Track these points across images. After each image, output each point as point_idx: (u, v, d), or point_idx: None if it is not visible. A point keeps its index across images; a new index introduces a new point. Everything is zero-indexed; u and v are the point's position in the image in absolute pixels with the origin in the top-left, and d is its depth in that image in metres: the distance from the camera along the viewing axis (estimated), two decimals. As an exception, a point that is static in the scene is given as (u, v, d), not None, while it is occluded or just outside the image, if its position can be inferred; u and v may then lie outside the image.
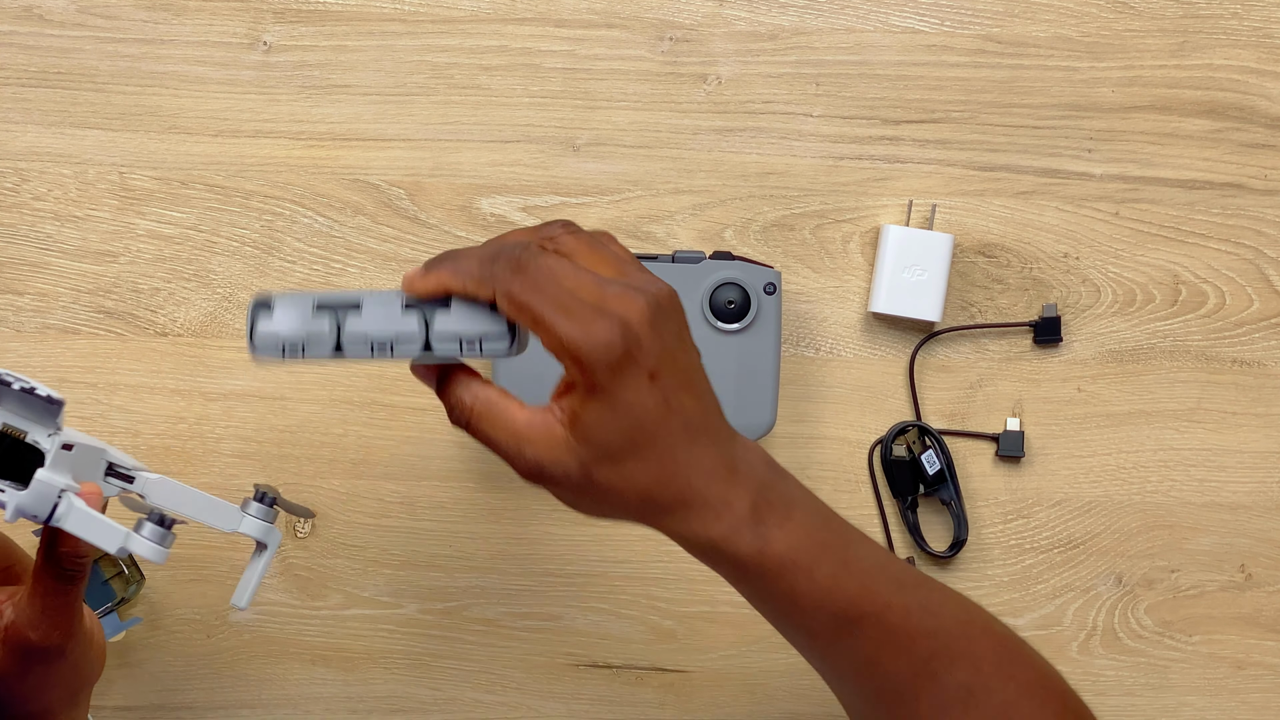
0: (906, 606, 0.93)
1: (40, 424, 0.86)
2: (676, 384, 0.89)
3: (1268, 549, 1.15)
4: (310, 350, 0.90)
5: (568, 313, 0.86)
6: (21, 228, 1.13)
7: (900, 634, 0.92)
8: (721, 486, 0.91)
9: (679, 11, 1.14)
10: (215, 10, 1.13)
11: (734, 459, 0.91)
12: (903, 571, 0.94)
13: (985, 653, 0.93)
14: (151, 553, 0.88)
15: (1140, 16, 1.15)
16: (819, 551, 0.92)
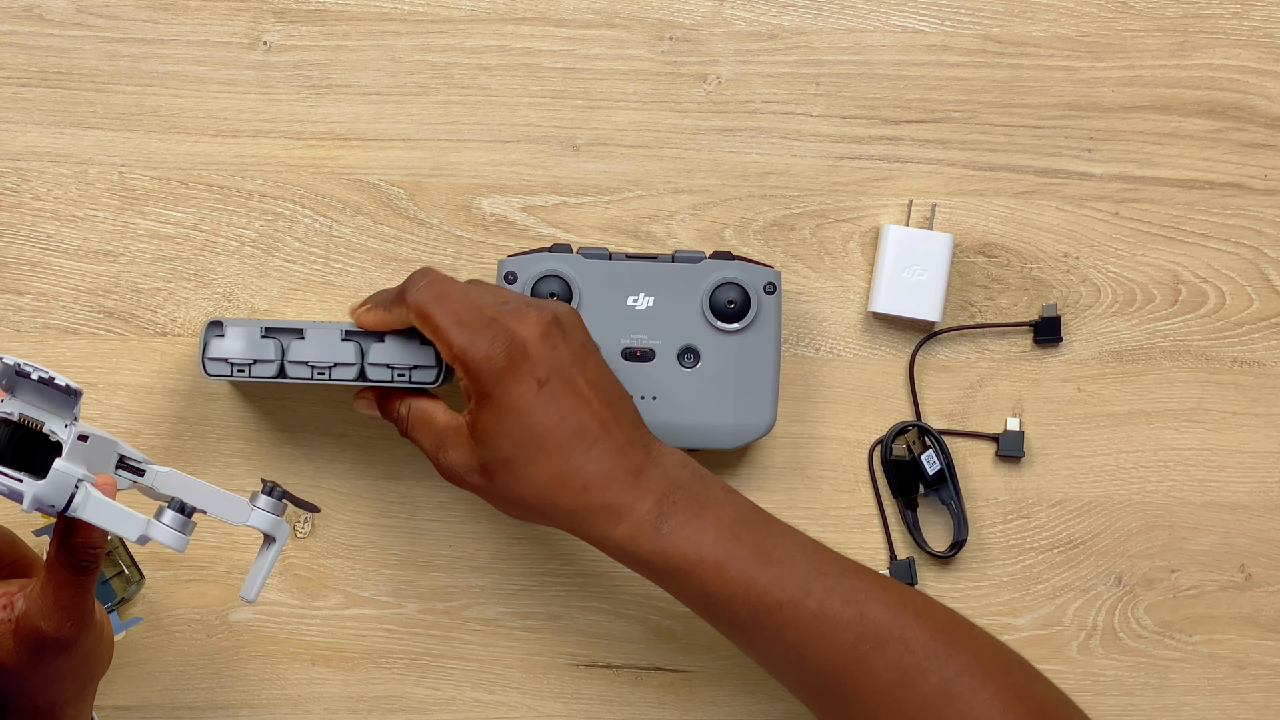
0: (827, 594, 0.96)
1: (57, 414, 0.86)
2: (567, 392, 0.97)
3: (1268, 549, 1.15)
4: (256, 370, 1.04)
5: (461, 323, 0.97)
6: (21, 227, 1.13)
7: (821, 621, 0.95)
8: (622, 490, 0.96)
9: (679, 11, 1.14)
10: (215, 10, 1.13)
11: (639, 464, 0.97)
12: (826, 563, 0.97)
13: (918, 636, 0.95)
14: (173, 540, 0.88)
15: (1140, 16, 1.15)
16: (730, 547, 0.96)
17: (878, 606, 0.96)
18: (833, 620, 0.95)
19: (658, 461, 0.98)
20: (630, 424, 0.99)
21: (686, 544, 0.96)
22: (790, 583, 0.96)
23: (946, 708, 0.94)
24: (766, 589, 0.96)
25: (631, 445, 0.98)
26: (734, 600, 0.96)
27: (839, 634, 0.95)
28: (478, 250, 1.13)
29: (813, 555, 0.98)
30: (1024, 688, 0.96)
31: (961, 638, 0.97)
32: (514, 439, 0.96)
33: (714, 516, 0.97)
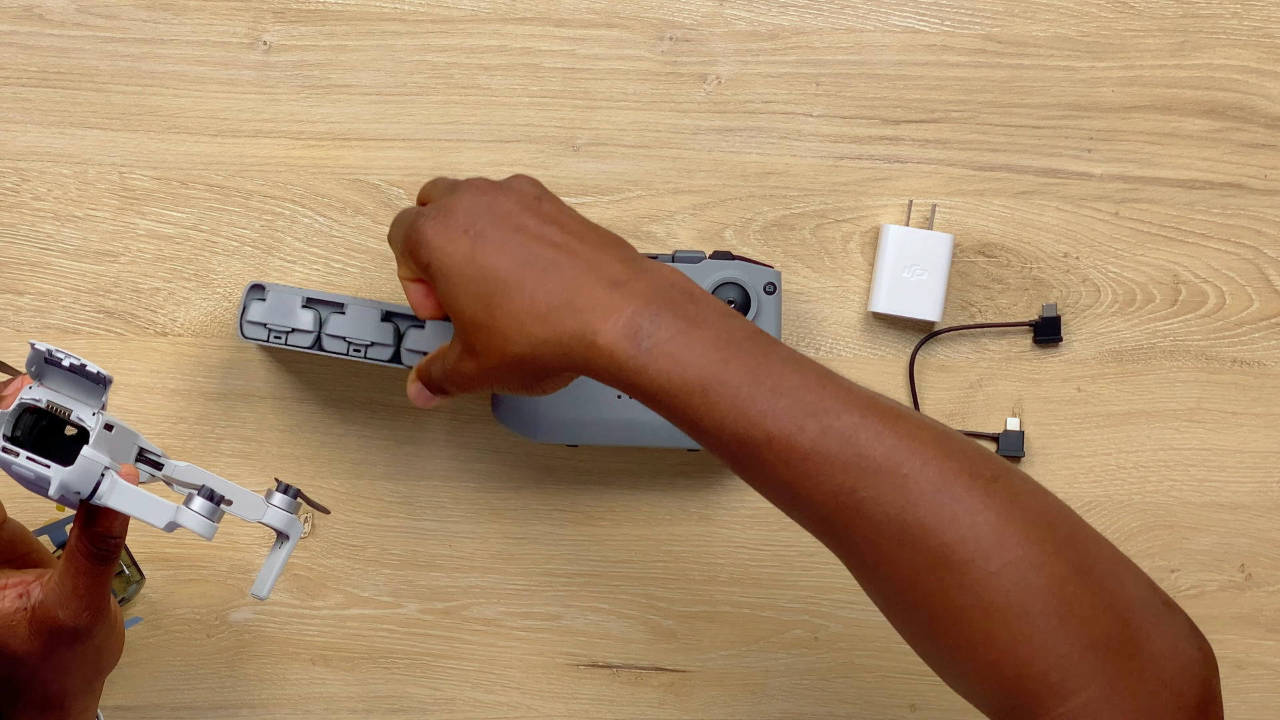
0: (823, 431, 0.86)
1: (85, 402, 0.86)
2: (505, 228, 0.93)
3: (1268, 549, 1.15)
4: (293, 339, 1.04)
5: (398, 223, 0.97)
6: (21, 227, 1.13)
7: (813, 461, 0.86)
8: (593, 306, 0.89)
9: (679, 11, 1.14)
10: (215, 10, 1.13)
11: (615, 277, 0.90)
12: (830, 396, 0.87)
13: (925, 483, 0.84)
14: (203, 527, 0.88)
15: (1140, 16, 1.15)
16: (719, 371, 0.87)
17: (880, 447, 0.85)
18: (827, 461, 0.85)
19: (640, 275, 0.90)
20: (603, 244, 0.92)
21: (669, 362, 0.87)
22: (784, 416, 0.86)
23: (948, 574, 0.84)
24: (756, 421, 0.86)
25: (604, 261, 0.91)
26: (721, 430, 0.87)
27: (833, 476, 0.85)
28: (478, 250, 1.13)
29: (815, 387, 0.87)
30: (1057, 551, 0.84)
31: (983, 486, 0.85)
32: (468, 296, 0.91)
33: (705, 336, 0.88)
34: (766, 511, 1.14)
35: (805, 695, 1.15)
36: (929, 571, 0.84)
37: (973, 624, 0.84)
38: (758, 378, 0.87)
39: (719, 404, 0.87)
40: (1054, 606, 0.83)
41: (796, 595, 1.15)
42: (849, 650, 1.14)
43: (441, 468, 1.14)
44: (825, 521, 0.87)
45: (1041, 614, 0.83)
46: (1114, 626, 0.83)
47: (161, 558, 1.13)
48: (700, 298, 0.90)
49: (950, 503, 0.84)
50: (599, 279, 0.90)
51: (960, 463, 0.85)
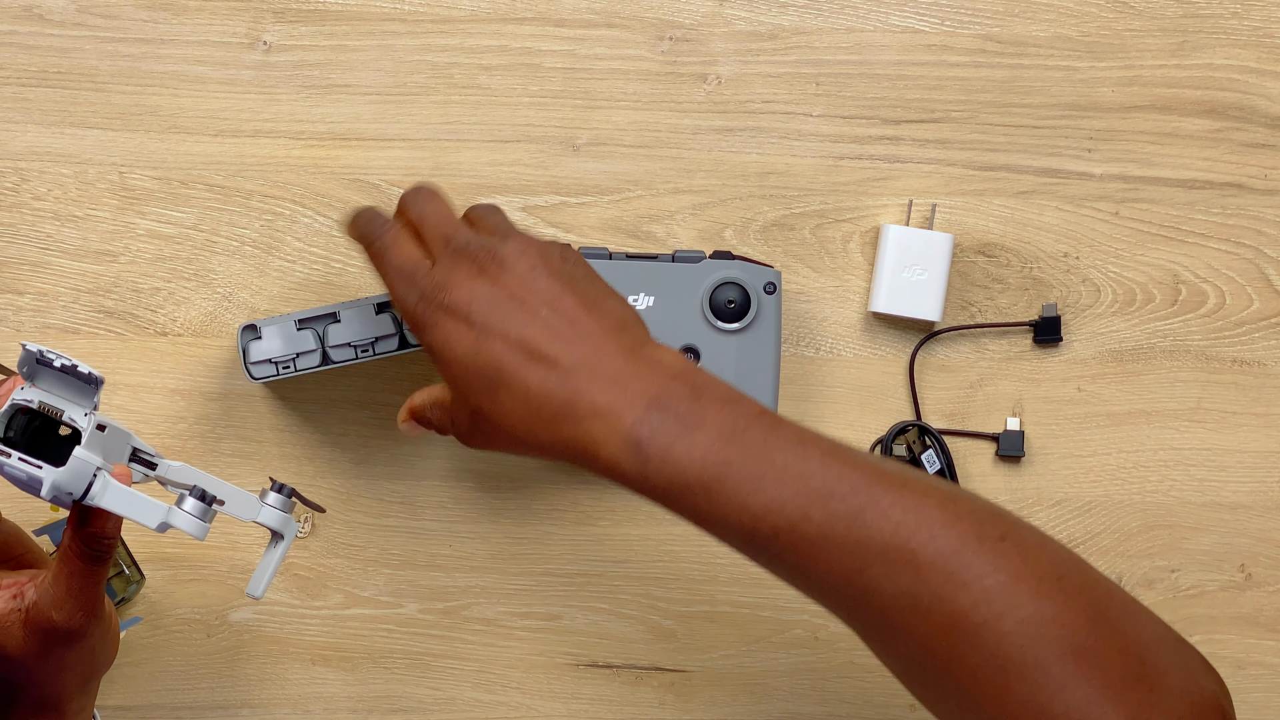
0: (829, 517, 0.86)
1: (77, 403, 0.86)
2: (506, 314, 0.91)
3: (1268, 549, 1.15)
4: (301, 363, 1.05)
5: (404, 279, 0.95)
6: (21, 227, 1.13)
7: (821, 546, 0.86)
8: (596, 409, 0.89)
9: (679, 11, 1.14)
10: (215, 10, 1.13)
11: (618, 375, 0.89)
12: (835, 478, 0.86)
13: (935, 553, 0.84)
14: (194, 528, 0.88)
15: (1140, 16, 1.15)
16: (721, 468, 0.87)
17: (887, 525, 0.85)
18: (835, 545, 0.85)
19: (643, 370, 0.89)
20: (608, 330, 0.91)
21: (672, 469, 0.87)
22: (789, 506, 0.86)
23: (962, 639, 0.83)
24: (761, 514, 0.86)
25: (606, 354, 0.89)
26: (726, 525, 0.87)
27: (841, 559, 0.85)
28: (478, 250, 1.13)
29: (820, 470, 0.86)
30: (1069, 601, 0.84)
31: (991, 547, 0.84)
32: (473, 388, 0.91)
33: (708, 433, 0.87)
34: (766, 511, 1.14)
35: (805, 695, 1.15)
36: (943, 638, 0.84)
37: (990, 682, 0.83)
38: (761, 469, 0.87)
39: (723, 501, 0.87)
40: (1070, 655, 0.83)
41: (796, 595, 1.14)
42: (849, 650, 1.14)
43: (441, 468, 1.14)
44: (838, 601, 0.88)
45: (1058, 664, 0.82)
46: (1131, 666, 0.83)
47: (161, 558, 1.13)
48: (703, 387, 0.89)
49: (960, 569, 0.84)
50: (600, 379, 0.89)
51: (969, 525, 0.85)
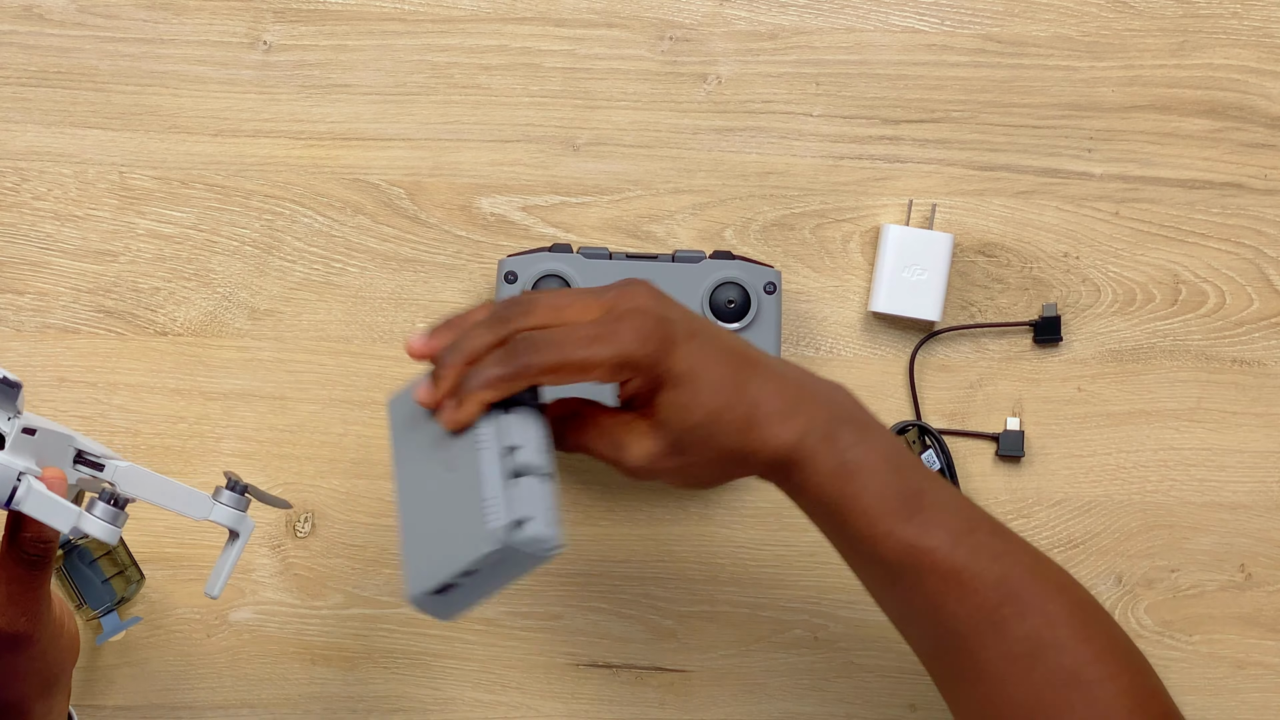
0: (974, 549, 0.93)
1: (0, 408, 0.86)
2: (708, 336, 0.93)
3: (1268, 549, 1.15)
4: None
5: (596, 340, 0.91)
6: (21, 227, 1.13)
7: (964, 577, 0.92)
8: (791, 417, 0.92)
9: (679, 11, 1.14)
10: (215, 10, 1.13)
11: (790, 387, 0.93)
12: (977, 517, 0.94)
13: (1059, 610, 0.93)
14: (103, 532, 0.88)
15: (1140, 16, 1.15)
16: (885, 485, 0.93)
17: (1022, 571, 0.93)
18: (977, 577, 0.92)
19: (814, 389, 0.95)
20: (758, 350, 0.96)
21: (849, 477, 0.93)
22: (940, 530, 0.92)
23: (1074, 692, 0.91)
24: (917, 534, 0.92)
25: (783, 372, 0.94)
26: (887, 539, 0.92)
27: (980, 593, 0.92)
28: (478, 250, 1.13)
29: (963, 506, 0.95)
30: (1154, 690, 0.94)
31: (1098, 623, 0.94)
32: (700, 402, 0.92)
33: (875, 449, 0.93)
34: (766, 511, 1.14)
35: (805, 695, 1.15)
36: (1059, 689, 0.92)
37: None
38: (918, 491, 0.93)
39: (887, 515, 0.93)
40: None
41: (796, 595, 1.15)
42: (849, 650, 1.14)
43: (441, 467, 1.14)
44: (960, 638, 0.93)
45: None
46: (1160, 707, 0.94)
47: (161, 558, 1.13)
48: (859, 405, 0.96)
49: (1082, 626, 0.93)
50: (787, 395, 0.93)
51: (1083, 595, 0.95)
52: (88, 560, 1.10)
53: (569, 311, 0.92)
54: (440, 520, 0.91)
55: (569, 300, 0.93)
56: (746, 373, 0.93)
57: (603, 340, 0.91)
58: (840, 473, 0.93)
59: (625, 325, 0.91)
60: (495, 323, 0.92)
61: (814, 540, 1.15)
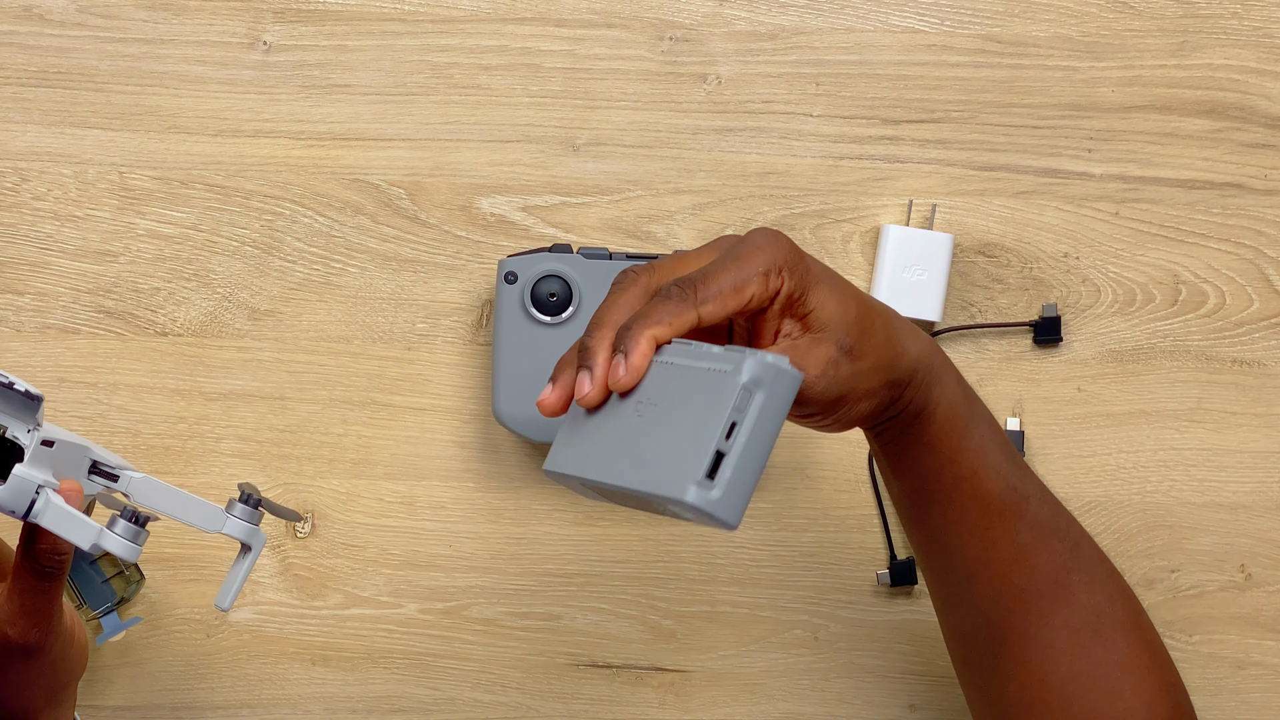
0: (1056, 505, 0.95)
1: (19, 420, 0.86)
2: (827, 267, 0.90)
3: (1268, 549, 1.15)
4: None
5: (738, 262, 0.86)
6: (21, 227, 1.13)
7: (1050, 530, 0.94)
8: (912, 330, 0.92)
9: (679, 11, 1.14)
10: (215, 10, 1.13)
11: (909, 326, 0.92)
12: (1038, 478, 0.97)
13: (1118, 592, 0.95)
14: (124, 550, 0.88)
15: (1140, 16, 1.15)
16: (990, 429, 0.94)
17: (1090, 543, 0.96)
18: (1060, 535, 0.94)
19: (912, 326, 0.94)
20: None
21: (971, 404, 0.93)
22: (1033, 481, 0.95)
23: (1126, 678, 0.93)
24: (1019, 478, 0.94)
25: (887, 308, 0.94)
26: (996, 476, 0.93)
27: (1061, 553, 0.94)
28: (478, 250, 1.13)
29: (1026, 462, 0.97)
30: (1182, 690, 0.98)
31: (1144, 614, 0.97)
32: (850, 293, 0.89)
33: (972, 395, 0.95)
34: (766, 511, 1.14)
35: (805, 695, 1.15)
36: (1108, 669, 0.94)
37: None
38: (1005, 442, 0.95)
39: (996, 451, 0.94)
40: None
41: (796, 595, 1.15)
42: (849, 650, 1.14)
43: (441, 468, 1.14)
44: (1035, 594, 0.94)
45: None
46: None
47: (161, 558, 1.13)
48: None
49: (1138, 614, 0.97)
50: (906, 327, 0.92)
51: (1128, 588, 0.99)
52: (88, 560, 1.10)
53: (690, 259, 0.89)
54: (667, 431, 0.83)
55: (686, 254, 0.89)
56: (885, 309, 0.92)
57: (745, 258, 0.86)
58: (964, 400, 0.93)
59: (755, 241, 0.87)
60: (625, 287, 0.88)
61: (814, 540, 1.15)
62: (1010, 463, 0.94)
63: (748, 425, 0.81)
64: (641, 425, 0.84)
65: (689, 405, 0.82)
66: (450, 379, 1.13)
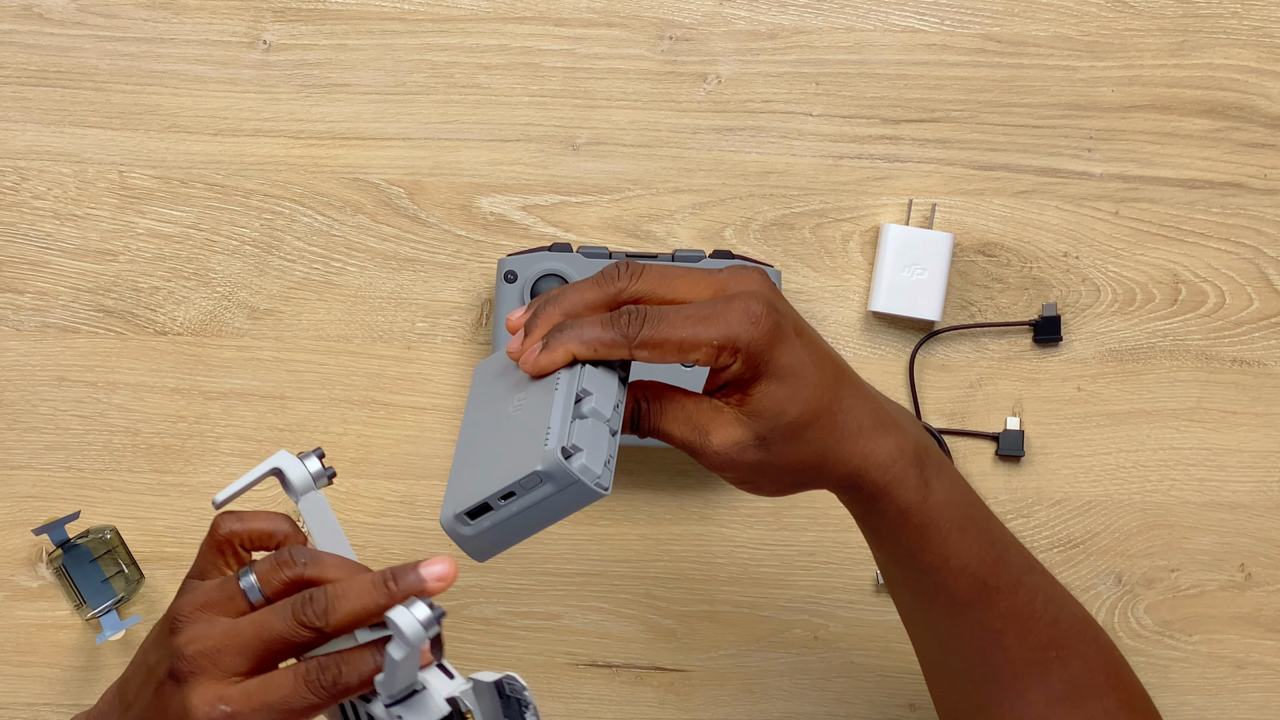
0: (1034, 589, 0.93)
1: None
2: (812, 335, 0.90)
3: (1268, 549, 1.15)
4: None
5: (705, 320, 0.87)
6: (21, 226, 1.13)
7: (1026, 615, 0.93)
8: (883, 435, 0.90)
9: (679, 11, 1.14)
10: (215, 9, 1.13)
11: (882, 406, 0.91)
12: (1029, 555, 0.95)
13: (1097, 657, 0.95)
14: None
15: (1140, 16, 1.15)
16: (967, 512, 0.92)
17: (1068, 616, 0.95)
18: (1034, 617, 0.93)
19: (890, 403, 0.93)
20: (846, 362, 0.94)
21: (940, 496, 0.91)
22: (1007, 569, 0.93)
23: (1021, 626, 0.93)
24: (992, 569, 0.92)
25: (865, 384, 0.92)
26: (963, 573, 0.92)
27: (1036, 634, 0.93)
28: (478, 249, 1.13)
29: (1019, 546, 0.95)
30: None
31: (1124, 672, 0.97)
32: (798, 399, 0.88)
33: (954, 483, 0.92)
34: (766, 511, 1.14)
35: (805, 695, 1.14)
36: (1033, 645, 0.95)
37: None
38: (989, 526, 0.93)
39: (967, 547, 0.92)
40: None
41: (796, 595, 1.15)
42: (849, 650, 1.14)
43: (441, 467, 1.14)
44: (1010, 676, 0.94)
45: None
46: None
47: (161, 558, 1.13)
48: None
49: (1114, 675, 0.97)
50: (876, 409, 0.91)
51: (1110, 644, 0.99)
52: (88, 560, 1.10)
53: (678, 284, 0.89)
54: (493, 451, 0.88)
55: (679, 274, 0.89)
56: (843, 382, 0.90)
57: (711, 320, 0.87)
58: (924, 501, 0.91)
59: (736, 307, 0.87)
60: (602, 281, 0.89)
61: (814, 540, 1.15)
62: (981, 554, 0.92)
63: (520, 504, 0.85)
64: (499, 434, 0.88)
65: (514, 440, 0.86)
66: (450, 378, 1.14)
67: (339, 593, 0.80)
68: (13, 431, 1.13)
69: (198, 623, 0.81)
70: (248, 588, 0.82)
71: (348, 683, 0.80)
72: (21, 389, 1.13)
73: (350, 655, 0.80)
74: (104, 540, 1.10)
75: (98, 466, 1.13)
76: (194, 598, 0.82)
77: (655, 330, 0.87)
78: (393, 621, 0.77)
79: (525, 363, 0.88)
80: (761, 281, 0.89)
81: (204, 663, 0.80)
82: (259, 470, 0.85)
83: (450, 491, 0.88)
